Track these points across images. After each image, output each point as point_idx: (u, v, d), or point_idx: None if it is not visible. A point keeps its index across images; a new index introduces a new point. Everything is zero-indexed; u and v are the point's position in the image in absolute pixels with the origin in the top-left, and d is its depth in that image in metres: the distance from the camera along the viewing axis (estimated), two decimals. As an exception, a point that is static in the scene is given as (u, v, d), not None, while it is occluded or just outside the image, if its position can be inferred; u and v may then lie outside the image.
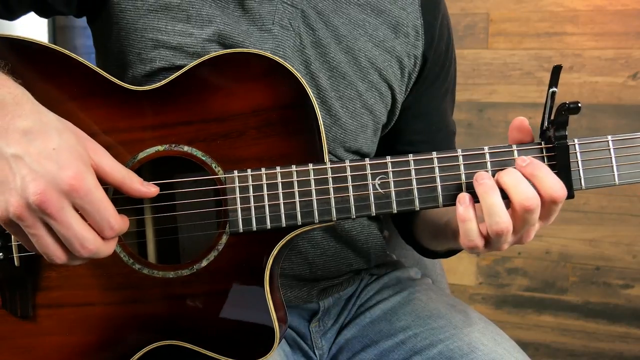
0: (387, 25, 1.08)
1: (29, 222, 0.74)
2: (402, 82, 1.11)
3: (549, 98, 0.84)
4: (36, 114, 0.76)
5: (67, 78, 0.89)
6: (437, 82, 1.16)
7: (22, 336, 0.90)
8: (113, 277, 0.89)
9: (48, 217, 0.73)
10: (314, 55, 1.03)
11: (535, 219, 0.83)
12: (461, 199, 0.84)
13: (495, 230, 0.82)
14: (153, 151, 0.89)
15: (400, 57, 1.09)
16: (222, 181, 0.87)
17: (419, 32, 1.10)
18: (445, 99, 1.19)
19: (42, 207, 0.72)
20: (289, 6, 1.01)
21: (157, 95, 0.90)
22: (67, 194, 0.73)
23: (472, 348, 1.02)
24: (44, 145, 0.74)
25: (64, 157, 0.74)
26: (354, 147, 1.08)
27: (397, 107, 1.13)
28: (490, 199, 0.82)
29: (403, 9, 1.09)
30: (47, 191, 0.72)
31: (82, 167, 0.75)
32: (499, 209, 0.81)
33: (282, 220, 0.87)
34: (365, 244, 1.16)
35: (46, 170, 0.73)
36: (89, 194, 0.75)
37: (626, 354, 2.43)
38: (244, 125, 0.88)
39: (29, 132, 0.74)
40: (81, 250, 0.76)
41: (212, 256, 0.88)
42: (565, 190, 0.82)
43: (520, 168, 0.83)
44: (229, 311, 0.89)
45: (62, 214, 0.74)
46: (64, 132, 0.76)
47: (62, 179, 0.73)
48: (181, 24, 0.97)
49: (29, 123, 0.75)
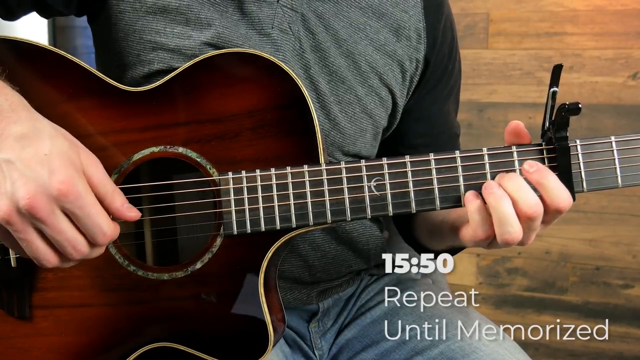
0: (389, 29, 1.07)
1: (18, 227, 0.74)
2: (403, 86, 1.10)
3: (550, 98, 0.82)
4: (31, 121, 0.76)
5: (62, 79, 0.89)
6: (440, 84, 1.14)
7: (20, 336, 0.90)
8: (108, 278, 0.89)
9: (38, 221, 0.73)
10: (314, 59, 1.02)
11: (537, 225, 0.82)
12: (468, 197, 0.84)
13: (506, 239, 0.81)
14: (148, 152, 0.88)
15: (401, 61, 1.08)
16: (217, 183, 0.87)
17: (421, 35, 1.09)
18: (448, 101, 1.18)
19: (32, 212, 0.72)
20: (288, 10, 1.00)
21: (153, 96, 0.89)
22: (56, 199, 0.73)
23: (474, 348, 1.02)
24: (36, 150, 0.74)
25: (55, 162, 0.74)
26: (353, 151, 1.07)
27: (398, 111, 1.11)
28: (502, 209, 0.81)
29: (405, 12, 1.08)
30: (37, 196, 0.72)
31: (73, 173, 0.75)
32: (512, 219, 0.81)
33: (277, 223, 0.86)
34: (366, 245, 1.16)
35: (37, 175, 0.73)
36: (79, 199, 0.74)
37: (626, 354, 2.43)
38: (239, 126, 0.88)
39: (23, 137, 0.74)
40: (74, 253, 0.77)
41: (207, 258, 0.88)
42: (571, 199, 0.81)
43: (526, 174, 0.82)
44: (223, 313, 0.89)
45: (52, 218, 0.74)
46: (57, 138, 0.76)
47: (52, 183, 0.73)
48: (180, 27, 0.97)
49: (23, 129, 0.75)
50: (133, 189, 0.88)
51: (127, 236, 0.91)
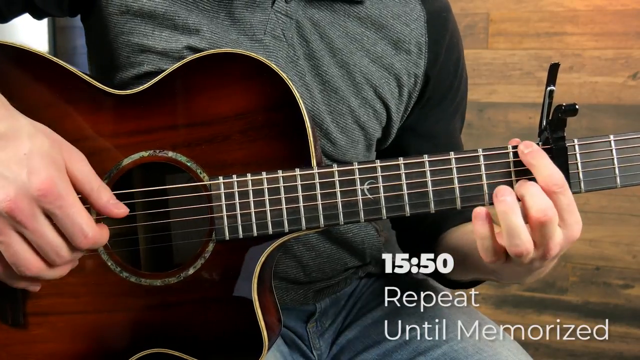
0: (387, 41, 1.04)
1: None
2: (400, 101, 1.07)
3: (547, 97, 0.81)
4: (9, 119, 0.75)
5: (48, 83, 0.88)
6: (445, 102, 1.11)
7: (15, 344, 0.89)
8: (101, 285, 0.89)
9: (19, 225, 0.72)
10: (307, 68, 1.00)
11: (552, 231, 0.77)
12: (477, 215, 0.78)
13: (515, 252, 0.77)
14: (138, 157, 0.87)
15: (398, 75, 1.05)
16: (207, 188, 0.86)
17: (422, 49, 1.05)
18: (453, 119, 1.15)
19: (13, 215, 0.71)
20: (283, 16, 0.98)
21: (141, 99, 0.88)
22: (37, 200, 0.72)
23: (477, 349, 1.02)
24: (14, 151, 0.72)
25: (35, 162, 0.72)
26: (342, 162, 1.05)
27: (393, 125, 1.09)
28: (510, 219, 0.76)
29: (406, 25, 1.05)
30: (17, 198, 0.71)
31: (54, 172, 0.73)
32: (520, 230, 0.76)
33: (269, 228, 0.85)
34: (361, 244, 1.15)
35: (16, 176, 0.71)
36: (59, 199, 0.73)
37: (626, 354, 2.43)
38: (229, 129, 0.87)
39: (1, 137, 0.73)
40: (56, 258, 0.75)
41: (199, 264, 0.88)
42: (564, 181, 0.77)
43: (521, 155, 0.80)
44: (217, 318, 0.89)
45: (33, 221, 0.72)
46: (37, 136, 0.75)
47: (32, 184, 0.71)
48: (168, 31, 0.96)
49: (1, 128, 0.73)
50: (123, 194, 0.87)
51: (119, 242, 0.91)
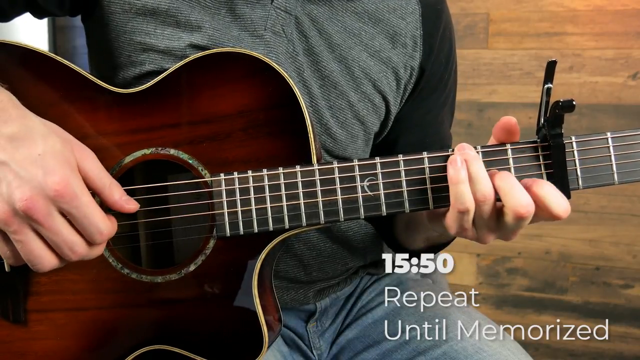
0: (385, 35, 1.05)
1: (15, 228, 0.74)
2: (397, 94, 1.08)
3: (544, 94, 0.81)
4: (22, 119, 0.76)
5: (51, 81, 0.89)
6: (435, 94, 1.13)
7: (16, 340, 0.90)
8: (102, 282, 0.89)
9: (35, 223, 0.74)
10: (306, 63, 1.01)
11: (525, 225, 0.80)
12: (452, 161, 0.80)
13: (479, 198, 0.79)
14: (140, 155, 0.88)
15: (396, 68, 1.06)
16: (209, 184, 0.87)
17: (417, 42, 1.07)
18: (442, 112, 1.16)
19: (29, 214, 0.73)
20: (282, 12, 0.99)
21: (144, 97, 0.89)
22: (53, 200, 0.74)
23: (477, 349, 1.02)
24: (29, 151, 0.74)
25: (50, 162, 0.74)
26: (343, 157, 1.06)
27: (391, 118, 1.10)
28: (474, 167, 0.79)
29: (402, 19, 1.06)
30: (33, 197, 0.73)
31: (68, 172, 0.75)
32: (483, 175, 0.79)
33: (270, 224, 0.86)
34: (362, 243, 1.15)
35: (32, 176, 0.73)
36: (75, 199, 0.75)
37: (626, 354, 2.43)
38: (230, 126, 0.88)
39: (15, 138, 0.74)
40: (71, 254, 0.77)
41: (200, 260, 0.88)
42: (530, 200, 0.78)
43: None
44: (217, 315, 0.89)
45: (49, 219, 0.74)
46: (49, 136, 0.76)
47: (48, 184, 0.73)
48: (170, 28, 0.96)
49: (15, 129, 0.75)
50: (126, 191, 0.87)
51: (121, 239, 0.91)
